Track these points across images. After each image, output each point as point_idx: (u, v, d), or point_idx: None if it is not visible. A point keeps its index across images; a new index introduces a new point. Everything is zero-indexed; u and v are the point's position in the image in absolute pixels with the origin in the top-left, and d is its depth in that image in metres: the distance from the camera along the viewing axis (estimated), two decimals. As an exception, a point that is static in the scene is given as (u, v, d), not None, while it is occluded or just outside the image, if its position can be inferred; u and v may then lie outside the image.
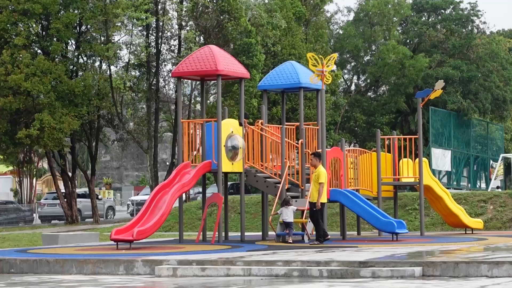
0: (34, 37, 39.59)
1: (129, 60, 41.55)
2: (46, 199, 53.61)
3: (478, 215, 27.53)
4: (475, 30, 62.38)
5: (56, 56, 39.38)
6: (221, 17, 42.27)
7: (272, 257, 15.68)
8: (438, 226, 26.95)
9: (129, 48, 41.36)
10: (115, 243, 18.92)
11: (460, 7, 62.55)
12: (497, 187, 50.72)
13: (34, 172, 59.69)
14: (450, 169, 52.35)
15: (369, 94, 62.07)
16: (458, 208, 24.40)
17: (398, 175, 23.75)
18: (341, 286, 12.53)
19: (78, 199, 44.90)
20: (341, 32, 61.46)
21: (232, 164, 20.64)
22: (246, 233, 22.27)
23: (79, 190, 48.40)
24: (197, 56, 21.26)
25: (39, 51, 39.62)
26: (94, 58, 41.66)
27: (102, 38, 40.17)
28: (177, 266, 15.08)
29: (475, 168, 57.27)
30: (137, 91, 42.37)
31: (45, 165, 58.12)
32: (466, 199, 29.48)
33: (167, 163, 49.16)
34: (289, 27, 48.25)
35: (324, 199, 19.43)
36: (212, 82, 24.67)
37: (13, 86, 36.93)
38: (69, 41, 40.66)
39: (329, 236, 19.77)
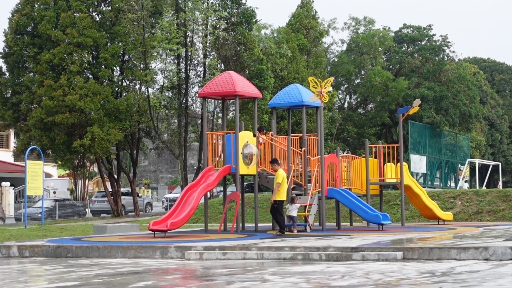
0: (86, 65, 39.71)
1: (163, 84, 41.63)
2: (96, 196, 53.71)
3: (449, 209, 27.48)
4: (446, 58, 62.39)
5: (104, 80, 39.50)
6: (238, 48, 42.35)
7: (280, 243, 15.70)
8: (416, 218, 26.91)
9: (163, 74, 41.48)
10: (153, 232, 18.94)
11: (433, 39, 62.61)
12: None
13: (87, 175, 59.85)
14: (425, 172, 52.32)
15: (359, 110, 62.02)
16: (432, 203, 24.38)
17: (383, 177, 23.73)
18: (336, 267, 12.53)
19: (122, 197, 44.98)
20: (336, 59, 61.50)
21: (248, 168, 20.65)
22: (259, 224, 22.29)
23: (123, 189, 48.45)
24: (219, 80, 21.30)
25: (90, 76, 39.73)
26: (135, 81, 41.73)
27: (142, 65, 40.24)
28: (203, 251, 15.12)
29: (446, 171, 57.22)
30: (170, 109, 42.43)
31: (95, 169, 58.13)
32: (438, 196, 29.43)
33: (195, 167, 49.16)
34: (293, 56, 48.35)
35: (282, 197, 19.26)
36: (231, 101, 24.69)
37: (69, 104, 37.04)
38: (114, 68, 40.76)
39: (285, 231, 19.43)
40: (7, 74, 40.82)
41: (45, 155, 38.04)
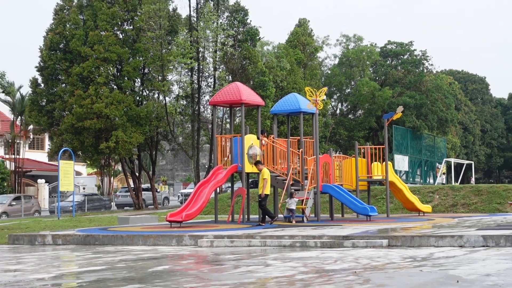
0: (111, 77, 39.78)
1: (178, 93, 41.64)
2: (120, 192, 53.82)
3: (428, 202, 27.48)
4: (425, 70, 62.41)
5: (127, 90, 39.55)
6: (244, 62, 42.39)
7: (281, 232, 15.72)
8: (399, 210, 26.92)
9: (178, 84, 41.47)
10: (169, 223, 18.99)
11: (414, 53, 62.63)
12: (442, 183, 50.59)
13: (112, 173, 59.95)
14: (407, 169, 52.28)
15: (349, 116, 62.01)
16: (413, 197, 24.39)
17: (371, 174, 23.75)
18: (330, 253, 12.54)
19: (143, 192, 45.00)
20: (329, 72, 61.52)
21: (252, 166, 20.68)
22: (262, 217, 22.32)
23: (143, 185, 48.48)
24: (227, 90, 21.33)
25: (115, 86, 39.79)
26: (153, 91, 41.78)
27: (159, 77, 40.28)
28: (213, 239, 15.15)
29: (425, 169, 57.16)
30: (184, 115, 42.45)
31: (119, 168, 58.27)
32: (419, 191, 29.44)
33: (206, 166, 49.15)
34: (292, 68, 48.35)
35: (267, 191, 19.31)
36: (238, 108, 24.72)
37: (96, 112, 37.10)
38: (136, 79, 40.81)
39: (275, 218, 19.54)
40: (43, 85, 40.93)
41: (75, 156, 38.09)
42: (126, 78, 39.50)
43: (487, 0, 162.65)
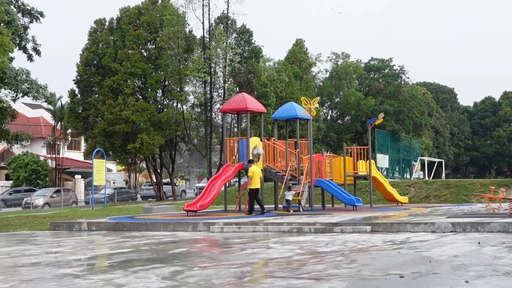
0: (137, 88, 39.87)
1: (194, 102, 41.67)
2: (144, 185, 53.89)
3: (405, 194, 27.44)
4: (402, 82, 62.24)
5: (150, 99, 39.63)
6: (249, 75, 42.38)
7: (280, 220, 15.71)
8: (380, 201, 26.88)
9: (193, 95, 41.52)
10: (186, 212, 18.99)
11: (393, 68, 62.48)
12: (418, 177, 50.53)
13: (137, 169, 60.09)
14: (388, 166, 52.25)
15: (338, 121, 61.85)
16: (392, 190, 24.34)
17: (356, 170, 23.73)
18: (322, 238, 12.52)
19: (163, 186, 45.09)
20: (321, 84, 61.36)
21: (257, 163, 20.69)
22: (265, 206, 22.31)
23: (164, 180, 48.59)
24: (235, 99, 21.34)
25: (140, 96, 39.87)
26: (173, 100, 41.85)
27: (178, 89, 40.34)
28: (223, 226, 15.14)
29: (403, 166, 57.11)
30: (198, 121, 42.48)
31: (144, 165, 58.35)
32: (397, 184, 29.39)
33: (217, 164, 49.16)
34: (290, 81, 48.30)
35: (253, 185, 18.90)
36: (244, 115, 24.72)
37: (124, 118, 37.19)
38: (158, 90, 40.91)
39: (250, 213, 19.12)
40: (79, 95, 41.06)
41: (107, 155, 38.16)
42: (149, 89, 39.59)
43: (458, 24, 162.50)
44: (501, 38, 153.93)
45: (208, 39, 40.38)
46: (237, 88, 41.46)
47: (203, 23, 40.19)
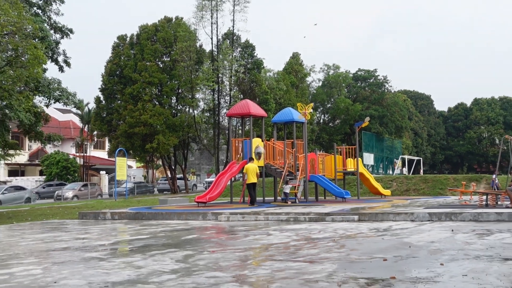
0: (154, 96, 39.86)
1: (203, 107, 41.67)
2: (160, 180, 53.85)
3: (388, 188, 27.45)
4: (386, 90, 62.20)
5: (165, 105, 39.61)
6: (252, 84, 42.33)
7: (279, 210, 15.72)
8: (366, 194, 26.88)
9: (203, 101, 41.50)
10: (197, 203, 19.02)
11: (378, 78, 62.44)
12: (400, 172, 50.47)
13: (154, 166, 60.11)
14: (373, 164, 52.17)
15: (329, 124, 61.80)
16: (377, 184, 24.34)
17: (345, 167, 23.73)
18: (315, 226, 12.52)
19: (177, 180, 45.09)
20: (314, 91, 61.33)
21: (258, 161, 20.71)
22: (266, 198, 22.33)
23: (178, 175, 48.58)
24: (239, 105, 21.35)
25: (157, 103, 39.87)
26: (185, 106, 41.80)
27: (190, 96, 40.32)
28: (229, 215, 15.16)
29: (386, 163, 57.00)
30: (208, 124, 42.46)
31: (160, 162, 58.42)
32: (381, 179, 29.40)
33: (224, 161, 49.16)
34: (287, 89, 48.23)
35: (250, 180, 18.68)
36: (247, 118, 24.72)
37: (143, 121, 37.21)
38: (172, 97, 40.90)
39: (255, 204, 19.03)
40: (104, 102, 41.07)
41: (128, 154, 38.17)
42: (165, 96, 39.58)
43: (434, 38, 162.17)
44: (472, 50, 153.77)
45: (216, 53, 40.36)
46: (241, 95, 41.45)
47: (211, 38, 40.22)
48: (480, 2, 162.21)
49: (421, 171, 59.93)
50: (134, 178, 57.83)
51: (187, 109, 42.14)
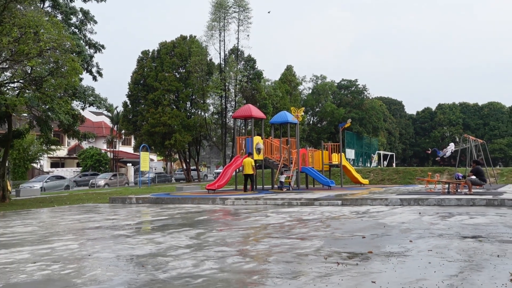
0: (172, 101, 39.82)
1: (213, 111, 41.64)
2: (177, 171, 53.79)
3: (366, 178, 27.40)
4: (365, 97, 62.10)
5: (181, 109, 39.58)
6: (253, 91, 42.28)
7: (276, 196, 15.70)
8: (348, 183, 26.85)
9: (213, 105, 41.48)
10: (207, 190, 19.00)
11: (358, 86, 62.33)
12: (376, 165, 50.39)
13: (172, 159, 60.08)
14: (354, 158, 52.14)
15: (318, 125, 61.71)
16: (357, 175, 24.28)
17: (331, 161, 23.70)
18: (306, 209, 12.50)
19: (191, 171, 45.05)
20: (305, 98, 61.27)
21: (258, 155, 20.68)
22: (264, 186, 22.30)
23: (192, 167, 48.57)
24: (243, 109, 21.31)
25: (174, 107, 39.84)
26: (198, 110, 41.77)
27: (201, 101, 40.30)
28: (234, 200, 15.14)
29: (365, 157, 57.02)
30: (216, 124, 42.45)
31: (177, 156, 58.40)
32: (361, 171, 29.34)
33: (230, 155, 49.13)
34: (283, 96, 48.15)
35: (246, 171, 18.62)
36: (249, 120, 24.70)
37: (163, 122, 37.20)
38: (187, 102, 40.86)
39: (253, 190, 18.87)
40: (130, 106, 41.03)
41: (150, 149, 38.16)
42: (181, 101, 39.55)
43: (405, 53, 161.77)
44: (437, 62, 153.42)
45: (223, 65, 40.30)
46: (244, 101, 41.41)
47: (220, 53, 40.13)
48: (442, 22, 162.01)
49: (394, 164, 59.89)
50: (155, 169, 57.81)
51: (200, 112, 42.10)
